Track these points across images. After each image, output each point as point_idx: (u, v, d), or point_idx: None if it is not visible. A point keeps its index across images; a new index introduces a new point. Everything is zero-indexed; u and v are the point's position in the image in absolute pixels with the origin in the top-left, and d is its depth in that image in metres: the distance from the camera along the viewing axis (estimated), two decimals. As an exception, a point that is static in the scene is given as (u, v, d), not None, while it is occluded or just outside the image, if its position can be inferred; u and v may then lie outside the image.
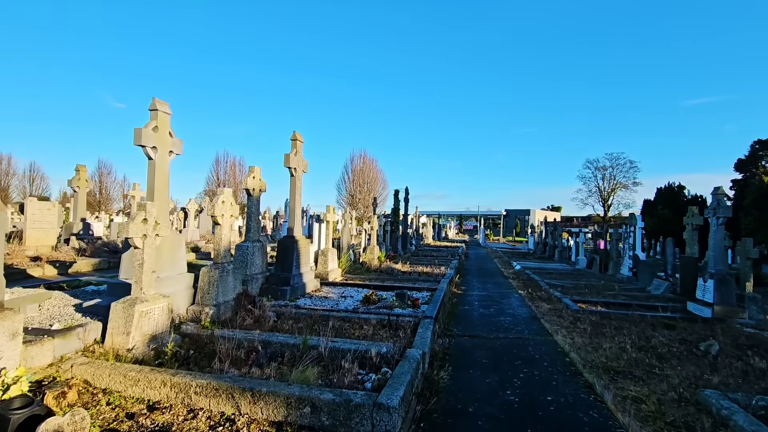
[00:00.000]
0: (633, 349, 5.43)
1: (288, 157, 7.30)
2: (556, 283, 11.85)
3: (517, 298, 9.46)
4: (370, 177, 41.75)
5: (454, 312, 7.76)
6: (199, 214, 16.97)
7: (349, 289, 8.31)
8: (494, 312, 7.84)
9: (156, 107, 4.91)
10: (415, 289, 8.35)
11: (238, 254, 6.76)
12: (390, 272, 10.81)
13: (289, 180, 7.57)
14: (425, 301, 7.20)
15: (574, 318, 7.31)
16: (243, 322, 5.06)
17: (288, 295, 6.85)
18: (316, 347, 4.14)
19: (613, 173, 59.80)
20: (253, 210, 6.98)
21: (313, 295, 7.47)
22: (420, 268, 11.94)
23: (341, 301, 7.11)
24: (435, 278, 10.07)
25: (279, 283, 7.01)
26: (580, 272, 15.44)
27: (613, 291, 10.72)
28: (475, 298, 9.27)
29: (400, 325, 5.26)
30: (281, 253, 7.28)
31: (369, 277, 9.94)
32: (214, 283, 5.22)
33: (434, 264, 13.68)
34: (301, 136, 7.70)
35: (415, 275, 10.66)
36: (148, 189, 4.93)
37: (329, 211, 9.59)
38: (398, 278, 9.95)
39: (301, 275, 7.48)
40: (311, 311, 5.81)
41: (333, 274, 9.37)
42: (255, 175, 6.97)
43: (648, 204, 46.38)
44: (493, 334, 6.16)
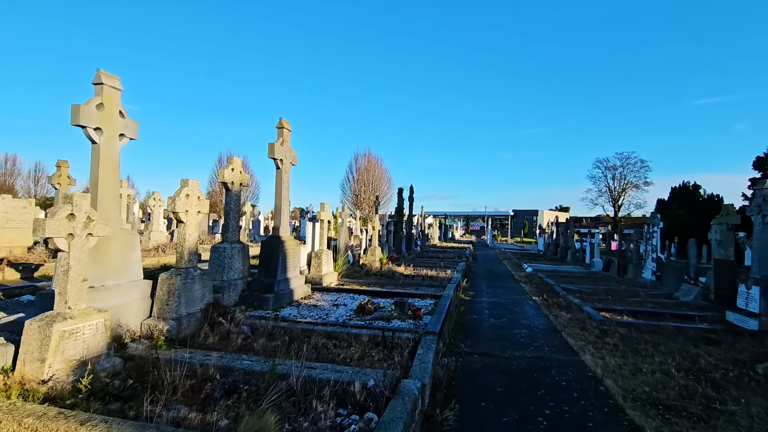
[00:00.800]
0: (679, 373, 4.48)
1: (273, 147, 6.43)
2: (572, 287, 10.86)
3: (532, 306, 8.51)
4: (375, 176, 40.86)
5: (462, 322, 6.85)
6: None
7: (344, 296, 7.42)
8: (507, 323, 6.91)
9: (101, 81, 4.07)
10: (418, 296, 7.45)
11: (214, 257, 5.91)
12: (391, 276, 9.92)
13: (275, 173, 6.72)
14: (428, 311, 6.29)
15: (600, 331, 6.35)
16: (206, 339, 4.20)
17: (271, 304, 5.98)
18: (286, 376, 3.26)
19: (624, 173, 58.32)
20: (231, 207, 6.12)
21: (301, 303, 6.60)
22: (424, 272, 11.03)
23: (332, 311, 6.23)
24: (440, 283, 9.15)
25: (261, 290, 6.15)
26: (597, 275, 14.41)
27: (637, 297, 9.72)
28: (485, 306, 8.34)
29: (396, 343, 4.36)
30: (264, 256, 6.42)
31: (367, 282, 9.05)
32: (175, 292, 4.36)
33: (440, 267, 12.76)
34: (289, 125, 6.84)
35: (419, 279, 9.76)
36: (91, 179, 4.09)
37: (323, 209, 8.72)
38: (399, 283, 9.06)
39: (288, 281, 6.62)
40: (293, 324, 4.93)
41: (328, 278, 8.50)
42: (234, 167, 6.12)
43: (662, 204, 44.93)
44: (507, 352, 5.23)
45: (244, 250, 6.33)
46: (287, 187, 6.83)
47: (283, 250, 6.45)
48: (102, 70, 4.07)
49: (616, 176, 59.06)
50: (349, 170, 39.95)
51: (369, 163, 39.78)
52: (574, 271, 15.72)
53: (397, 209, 17.73)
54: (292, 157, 6.96)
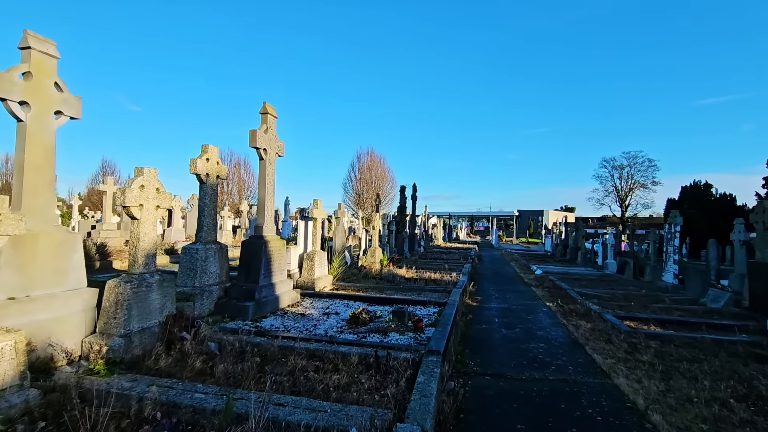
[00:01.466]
0: (739, 404, 3.65)
1: (255, 135, 5.66)
2: (588, 292, 10.02)
3: (547, 313, 7.69)
4: (377, 175, 40.10)
5: (470, 333, 6.05)
6: (188, 211, 15.52)
7: (337, 303, 6.64)
8: (521, 334, 6.09)
9: (29, 44, 3.31)
10: (420, 303, 6.65)
11: (185, 260, 5.14)
12: (391, 279, 9.13)
13: (258, 165, 5.95)
14: (431, 322, 5.50)
15: (629, 345, 5.53)
16: (158, 361, 3.43)
17: (250, 314, 5.21)
18: (245, 418, 2.48)
19: (631, 172, 57.28)
20: (206, 202, 5.36)
21: (287, 312, 5.82)
22: (427, 274, 10.23)
23: (321, 321, 5.45)
24: (445, 287, 8.35)
25: (240, 298, 5.38)
26: (612, 278, 13.54)
27: (661, 303, 8.86)
28: (495, 313, 7.53)
29: (391, 366, 3.57)
30: (245, 259, 5.66)
31: (365, 286, 8.26)
32: (124, 303, 3.60)
33: (444, 269, 11.95)
34: (275, 110, 6.07)
35: (421, 283, 8.96)
36: (15, 165, 3.33)
37: (316, 207, 7.95)
38: (400, 287, 8.26)
39: (273, 286, 5.85)
40: (270, 340, 4.15)
41: (321, 282, 7.73)
42: (209, 157, 5.36)
43: (672, 203, 43.74)
44: (525, 373, 4.42)
45: (222, 252, 5.57)
46: (272, 181, 6.06)
47: (266, 252, 5.68)
48: (30, 31, 3.31)
49: (623, 176, 58.04)
50: (351, 169, 39.26)
51: (372, 162, 39.04)
52: (586, 274, 14.84)
53: (400, 208, 16.93)
54: (278, 147, 6.19)
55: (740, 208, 38.44)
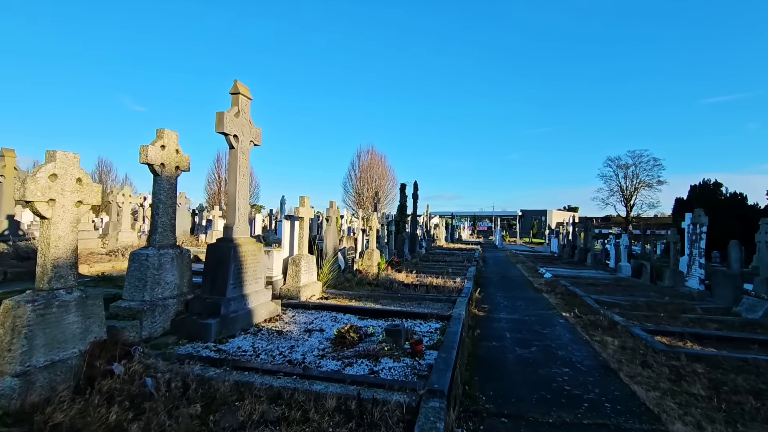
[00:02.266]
0: None
1: (222, 118, 4.73)
2: (606, 299, 9.07)
3: (564, 326, 6.75)
4: (378, 174, 39.16)
5: (478, 353, 5.12)
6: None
7: (324, 316, 5.72)
8: (539, 354, 5.16)
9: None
10: (420, 316, 5.72)
11: (133, 268, 4.23)
12: (389, 286, 8.20)
13: (228, 154, 5.02)
14: (433, 343, 4.57)
15: (670, 370, 4.60)
16: (53, 414, 2.52)
17: (213, 333, 4.29)
18: None
19: (636, 171, 56.25)
20: (162, 197, 4.45)
21: (262, 329, 4.90)
22: (429, 280, 9.30)
23: (300, 342, 4.53)
24: (448, 296, 7.42)
25: (203, 313, 4.47)
26: (627, 283, 12.57)
27: (691, 314, 7.91)
28: (505, 326, 6.60)
29: (377, 420, 2.65)
30: (210, 266, 4.74)
31: (358, 294, 7.34)
32: (23, 330, 2.70)
33: (447, 273, 11.01)
34: (249, 91, 5.15)
35: (422, 290, 8.03)
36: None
37: (303, 204, 7.03)
38: (398, 296, 7.34)
39: (245, 298, 4.93)
40: (225, 374, 3.24)
41: (308, 290, 6.82)
42: (165, 143, 4.44)
43: (680, 203, 42.55)
44: (552, 413, 3.49)
45: (182, 258, 4.65)
46: (245, 174, 5.14)
47: (236, 257, 4.76)
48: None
49: (628, 175, 57.07)
50: (351, 167, 38.33)
51: (372, 160, 38.09)
52: (599, 277, 13.88)
53: (400, 207, 16.01)
54: (254, 135, 5.27)
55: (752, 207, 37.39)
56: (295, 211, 6.90)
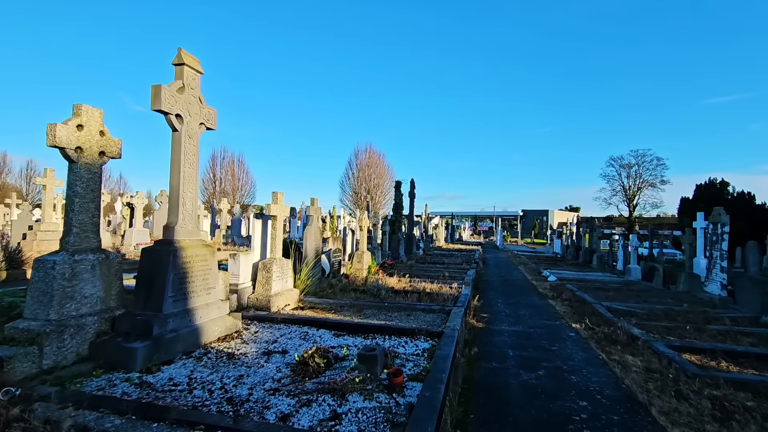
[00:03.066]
0: None
1: (160, 93, 3.83)
2: (619, 307, 8.17)
3: (576, 341, 5.86)
4: (377, 173, 38.26)
5: (474, 378, 4.24)
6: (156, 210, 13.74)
7: (293, 332, 4.84)
8: (548, 380, 4.27)
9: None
10: (407, 333, 4.83)
11: (37, 278, 3.34)
12: (376, 293, 7.31)
13: (171, 137, 4.13)
14: (418, 372, 3.67)
15: (713, 403, 3.71)
16: None
17: (139, 360, 3.41)
18: None
19: (639, 171, 55.37)
20: (79, 190, 3.55)
21: (210, 351, 4.02)
22: (422, 285, 8.41)
23: (254, 369, 3.65)
24: (442, 305, 6.53)
25: (132, 333, 3.60)
26: (639, 287, 11.65)
27: (717, 325, 7.00)
28: (507, 341, 5.71)
29: None
30: (144, 274, 3.85)
31: (340, 303, 6.46)
32: None
33: (443, 277, 10.12)
34: (199, 63, 4.27)
35: (414, 297, 7.14)
36: None
37: (275, 201, 6.15)
38: (385, 305, 6.45)
39: (190, 313, 4.05)
40: (129, 424, 2.35)
41: (281, 299, 5.94)
42: (83, 122, 3.54)
43: (686, 202, 41.67)
44: (571, 477, 2.60)
45: (108, 265, 3.76)
46: (192, 162, 4.25)
47: (177, 264, 3.88)
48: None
49: (631, 174, 56.20)
50: (348, 166, 37.41)
51: (370, 159, 37.18)
52: (607, 281, 12.97)
53: (395, 206, 15.12)
54: (205, 116, 4.38)
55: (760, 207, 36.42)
56: (266, 208, 6.01)
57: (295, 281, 6.74)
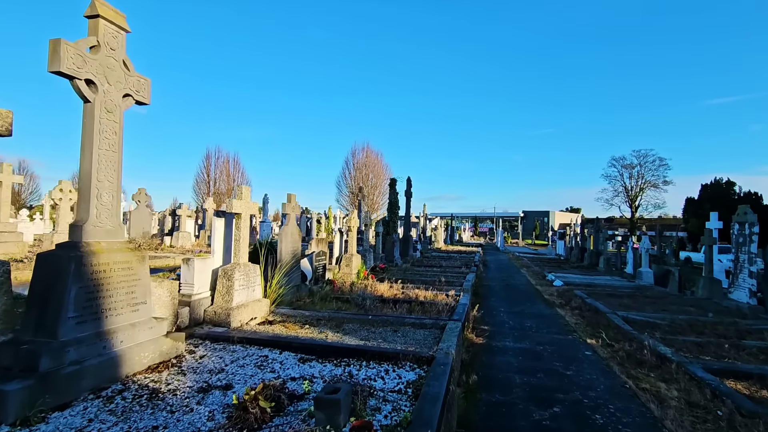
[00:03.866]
0: None
1: (59, 49, 2.90)
2: (637, 317, 7.25)
3: (594, 363, 4.93)
4: (375, 173, 37.35)
5: (473, 419, 3.32)
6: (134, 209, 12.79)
7: (248, 357, 3.91)
8: (567, 422, 3.34)
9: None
10: (388, 358, 3.89)
11: None
12: (361, 303, 6.38)
13: (83, 110, 3.21)
14: (395, 424, 2.74)
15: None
16: None
17: (14, 408, 2.48)
18: None
19: (641, 171, 54.55)
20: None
21: (129, 387, 3.09)
22: (415, 292, 7.49)
23: (177, 416, 2.73)
24: (436, 319, 5.61)
25: (13, 369, 2.68)
26: (653, 293, 10.72)
27: (754, 339, 6.07)
28: (513, 363, 4.78)
29: None
30: (36, 289, 2.94)
31: (316, 317, 5.53)
32: None
33: (440, 282, 9.19)
34: (124, 19, 3.36)
35: (403, 309, 6.21)
36: None
37: (241, 197, 5.24)
38: (369, 317, 5.51)
39: (103, 337, 3.13)
40: None
41: (245, 312, 5.02)
42: None
43: (691, 203, 40.77)
44: None
45: (-12, 276, 2.85)
46: (113, 143, 3.32)
47: (81, 274, 2.96)
48: None
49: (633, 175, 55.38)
50: (345, 165, 36.49)
51: (368, 158, 36.24)
52: (617, 285, 12.04)
53: (390, 206, 14.19)
54: (133, 86, 3.46)
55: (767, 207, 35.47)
56: (228, 204, 5.09)
57: (266, 290, 5.81)
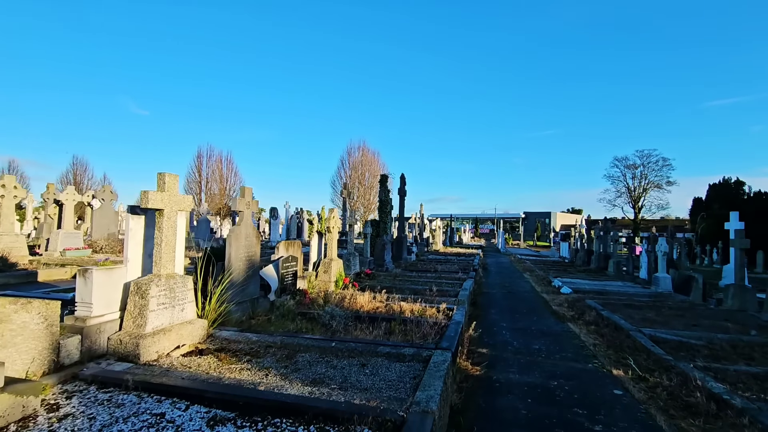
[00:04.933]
0: None
1: None
2: (666, 336, 6.01)
3: (629, 407, 3.67)
4: (371, 172, 36.07)
5: None
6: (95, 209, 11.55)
7: (138, 417, 2.68)
8: None
9: None
10: (336, 420, 2.64)
11: None
12: (328, 322, 5.13)
13: None
14: None
15: None
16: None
17: None
18: None
19: (645, 172, 53.24)
20: None
21: None
22: (401, 305, 6.24)
23: None
24: (420, 344, 4.37)
25: None
26: (675, 302, 9.46)
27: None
28: (520, 408, 3.54)
29: None
30: None
31: (266, 342, 4.29)
32: None
33: (430, 292, 7.93)
34: None
35: (381, 329, 4.96)
36: None
37: (162, 188, 4.01)
38: (332, 345, 4.26)
39: None
40: None
41: (169, 338, 3.80)
42: None
43: (698, 203, 39.46)
44: None
45: None
46: None
47: None
48: None
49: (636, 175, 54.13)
50: (340, 165, 35.16)
51: (364, 157, 34.94)
52: (632, 293, 10.79)
53: (381, 205, 12.94)
54: None
55: (779, 207, 34.15)
56: (143, 198, 3.85)
57: (206, 307, 4.58)
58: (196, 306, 4.43)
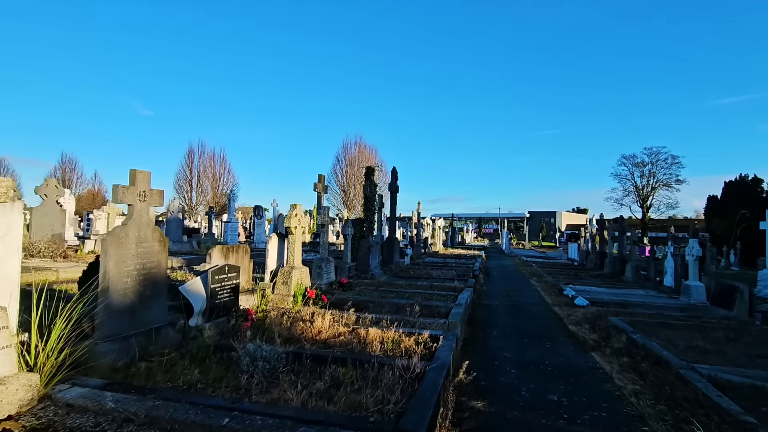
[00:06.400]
0: None
1: None
2: (733, 378, 4.35)
3: None
4: (368, 170, 34.42)
5: None
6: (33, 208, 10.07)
7: None
8: None
9: None
10: None
11: None
12: (246, 368, 3.55)
13: None
14: None
15: None
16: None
17: None
18: None
19: (653, 170, 51.21)
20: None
21: None
22: (370, 332, 4.61)
23: None
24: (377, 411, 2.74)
25: None
26: (717, 319, 7.75)
27: None
28: None
29: None
30: None
31: (119, 416, 2.68)
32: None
33: (417, 306, 6.25)
34: None
35: (324, 379, 3.35)
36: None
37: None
38: (222, 423, 2.66)
39: None
40: None
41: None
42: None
43: (714, 202, 37.48)
44: None
45: None
46: None
47: None
48: None
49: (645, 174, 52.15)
50: (336, 162, 33.50)
51: (361, 153, 33.24)
52: (660, 305, 9.10)
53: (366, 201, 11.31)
54: None
55: (799, 206, 32.12)
56: None
57: (41, 350, 2.98)
58: (28, 352, 2.83)
